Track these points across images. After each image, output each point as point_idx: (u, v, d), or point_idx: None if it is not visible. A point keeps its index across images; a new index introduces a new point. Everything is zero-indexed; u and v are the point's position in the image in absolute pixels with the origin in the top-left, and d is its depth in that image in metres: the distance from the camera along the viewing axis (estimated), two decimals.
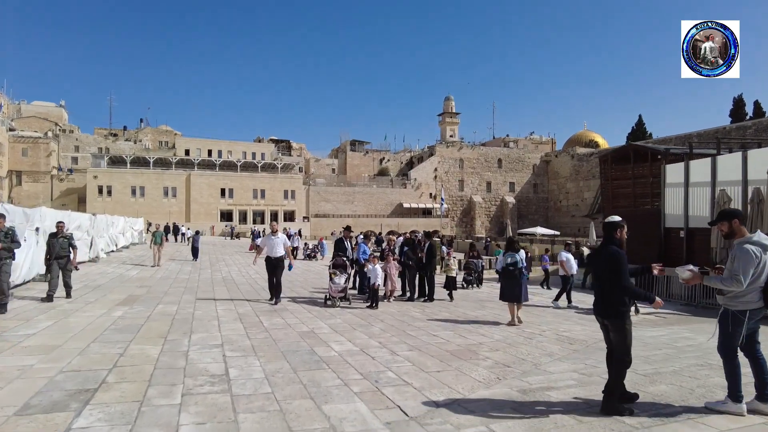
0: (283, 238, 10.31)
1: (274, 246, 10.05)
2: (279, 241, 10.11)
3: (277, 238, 10.12)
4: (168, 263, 19.41)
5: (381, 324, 8.07)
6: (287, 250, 10.26)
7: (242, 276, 16.04)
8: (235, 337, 6.55)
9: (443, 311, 10.00)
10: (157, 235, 17.93)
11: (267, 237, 10.41)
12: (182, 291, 11.54)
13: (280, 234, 10.27)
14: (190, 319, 7.88)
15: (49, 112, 71.62)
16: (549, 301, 12.93)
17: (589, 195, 68.41)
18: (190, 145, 69.80)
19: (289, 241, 10.51)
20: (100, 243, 19.50)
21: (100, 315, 7.85)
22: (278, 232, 10.26)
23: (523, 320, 8.99)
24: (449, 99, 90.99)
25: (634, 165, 19.30)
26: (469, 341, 6.98)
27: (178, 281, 13.63)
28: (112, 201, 54.42)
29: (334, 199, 65.73)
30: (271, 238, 10.16)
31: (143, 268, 16.71)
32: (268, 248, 10.11)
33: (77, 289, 10.93)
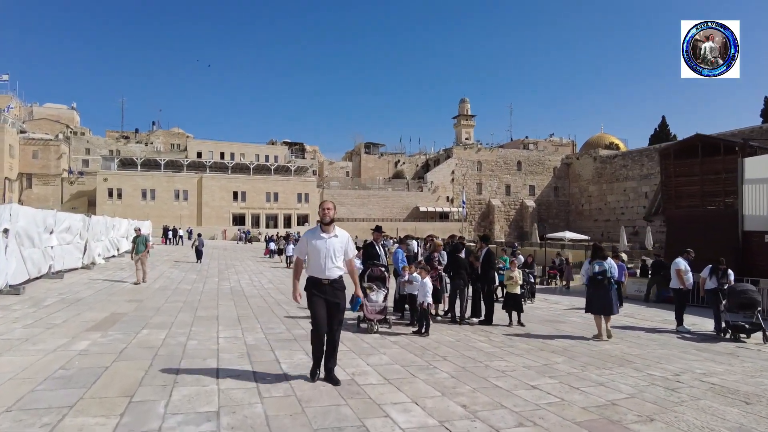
0: (344, 241, 4.85)
1: (327, 255, 4.70)
2: (335, 246, 4.76)
3: (329, 237, 4.76)
4: (170, 270, 17.30)
5: (447, 365, 5.72)
6: (350, 265, 4.97)
7: (253, 286, 13.82)
8: (240, 394, 4.25)
9: (515, 340, 7.62)
10: (139, 241, 13.27)
11: (309, 236, 4.89)
12: (179, 307, 9.32)
13: (337, 231, 4.83)
14: (179, 355, 5.62)
15: (60, 115, 70.78)
16: (629, 318, 10.48)
17: (613, 198, 65.45)
18: (202, 147, 68.29)
19: (354, 248, 5.07)
20: (98, 247, 17.47)
21: (55, 348, 5.62)
22: (333, 224, 4.82)
23: (628, 351, 6.59)
24: (464, 101, 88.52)
25: (703, 159, 16.73)
26: (592, 398, 4.61)
27: (177, 293, 11.44)
28: (122, 204, 52.98)
29: (348, 202, 63.56)
30: (319, 239, 4.75)
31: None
32: (312, 260, 4.78)
33: (49, 305, 8.77)
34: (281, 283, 14.87)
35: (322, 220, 4.80)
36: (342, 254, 4.78)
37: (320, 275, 4.67)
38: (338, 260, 4.73)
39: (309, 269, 4.78)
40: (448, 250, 9.91)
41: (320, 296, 4.66)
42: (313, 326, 4.74)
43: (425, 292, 7.75)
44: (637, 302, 15.09)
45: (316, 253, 4.70)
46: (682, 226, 16.75)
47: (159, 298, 10.37)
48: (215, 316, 8.45)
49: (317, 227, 4.87)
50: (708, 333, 9.26)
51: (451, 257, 9.34)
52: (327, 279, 4.66)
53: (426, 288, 7.79)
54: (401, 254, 9.88)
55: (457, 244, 9.72)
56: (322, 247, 4.68)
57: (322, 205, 4.80)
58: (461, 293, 9.02)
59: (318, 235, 4.75)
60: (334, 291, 4.68)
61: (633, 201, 62.42)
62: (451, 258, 9.35)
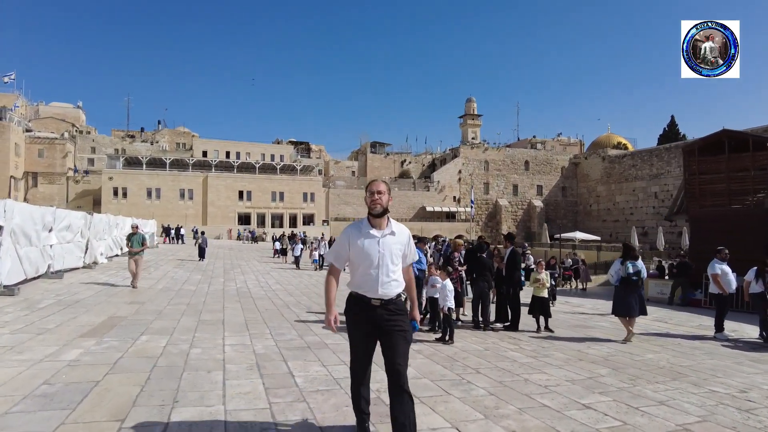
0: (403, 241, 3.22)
1: (382, 262, 3.11)
2: (393, 249, 3.15)
3: (383, 236, 3.14)
4: (175, 270, 16.74)
5: (481, 379, 5.07)
6: (408, 276, 3.35)
7: (260, 287, 13.23)
8: (250, 417, 3.63)
9: (548, 348, 6.95)
10: (135, 240, 11.78)
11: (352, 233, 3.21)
12: (183, 310, 8.72)
13: (394, 226, 3.20)
14: (181, 366, 5.01)
15: (66, 113, 70.65)
16: (660, 322, 9.76)
17: (622, 199, 64.48)
18: (208, 146, 67.91)
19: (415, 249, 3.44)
20: (100, 246, 16.93)
21: (42, 359, 5.03)
22: (387, 217, 3.20)
23: (675, 362, 5.92)
24: (471, 100, 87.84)
25: (729, 156, 15.96)
26: (658, 422, 3.94)
27: (181, 294, 10.85)
28: (128, 203, 52.68)
29: (354, 201, 62.96)
30: (369, 237, 3.14)
31: (145, 275, 14.01)
32: (358, 270, 3.18)
33: (44, 307, 8.20)
34: (289, 284, 14.28)
35: (370, 211, 3.13)
36: (401, 260, 3.19)
37: (370, 293, 3.07)
38: (397, 269, 3.14)
39: (353, 282, 3.20)
40: (466, 250, 9.27)
41: (368, 325, 3.08)
42: (352, 369, 3.26)
43: (446, 295, 7.11)
44: (660, 305, 14.36)
45: (363, 258, 3.09)
46: (707, 226, 15.99)
47: (161, 300, 9.78)
48: (221, 321, 7.84)
49: (363, 221, 3.19)
50: (752, 340, 8.55)
51: (472, 258, 8.68)
52: (380, 299, 3.06)
53: (447, 291, 7.15)
54: (419, 254, 9.24)
55: (480, 244, 9.06)
56: (373, 250, 3.07)
57: (371, 186, 3.16)
58: (485, 297, 8.36)
59: (366, 232, 3.12)
60: (391, 317, 3.04)
61: (642, 201, 61.49)
62: (473, 259, 8.69)
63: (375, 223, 3.17)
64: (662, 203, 58.06)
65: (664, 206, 58.61)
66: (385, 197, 3.13)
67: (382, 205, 3.13)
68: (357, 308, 3.16)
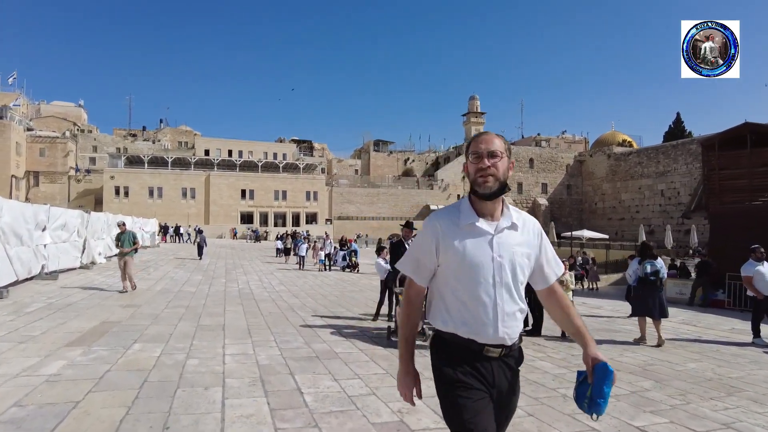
0: (532, 240, 1.86)
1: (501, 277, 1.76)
2: (516, 252, 1.79)
3: (499, 231, 1.78)
4: (175, 270, 16.20)
5: None
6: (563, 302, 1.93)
7: (263, 288, 12.66)
8: None
9: (578, 357, 6.36)
10: (125, 238, 10.51)
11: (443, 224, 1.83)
12: (181, 314, 8.16)
13: (514, 214, 1.84)
14: (175, 381, 4.44)
15: (68, 112, 70.28)
16: (688, 326, 9.13)
17: (627, 197, 63.72)
18: (210, 145, 67.43)
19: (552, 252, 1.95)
20: (98, 246, 16.40)
21: (19, 373, 4.46)
22: (504, 200, 1.85)
23: (722, 373, 5.32)
24: (474, 98, 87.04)
25: (752, 150, 15.29)
26: None
27: (180, 296, 10.29)
28: (129, 202, 52.20)
29: (357, 200, 62.45)
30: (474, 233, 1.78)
31: (144, 276, 13.47)
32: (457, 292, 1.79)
33: (32, 311, 7.65)
34: (293, 285, 13.72)
35: (476, 187, 1.82)
36: (529, 270, 1.87)
37: (480, 334, 1.76)
38: (521, 290, 1.83)
39: (444, 315, 1.84)
40: None
41: (480, 386, 1.75)
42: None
43: None
44: (680, 306, 13.72)
45: (465, 271, 1.78)
46: (728, 222, 15.34)
47: (159, 303, 9.22)
48: (221, 326, 7.27)
49: (462, 204, 1.87)
50: None
51: None
52: (500, 344, 1.78)
53: None
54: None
55: None
56: (483, 255, 1.77)
57: (477, 144, 1.83)
58: None
59: (468, 225, 1.80)
60: (510, 374, 1.83)
61: (648, 199, 60.75)
62: None
63: (483, 209, 1.82)
64: (669, 201, 57.33)
65: (670, 204, 57.90)
66: (503, 164, 1.79)
67: (498, 178, 1.78)
68: (461, 359, 1.78)
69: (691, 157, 54.49)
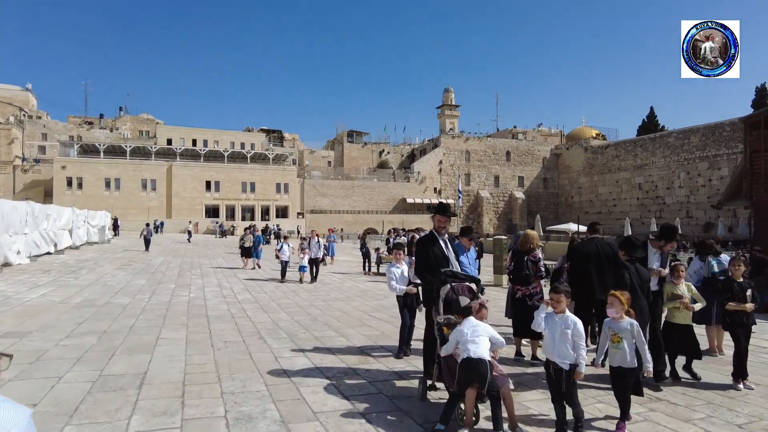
0: None
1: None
2: None
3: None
4: (115, 272, 13.43)
5: None
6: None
7: (222, 297, 10.11)
8: None
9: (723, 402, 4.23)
10: None
11: None
12: (85, 348, 5.62)
13: None
14: None
15: (13, 96, 64.70)
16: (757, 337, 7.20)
17: (605, 190, 63.39)
18: (173, 134, 63.37)
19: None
20: (15, 243, 13.42)
21: None
22: None
23: None
24: (449, 90, 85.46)
25: None
26: None
27: (102, 313, 7.71)
28: (83, 194, 47.98)
29: (331, 193, 59.79)
30: None
31: (70, 281, 10.74)
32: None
33: None
34: (261, 292, 11.21)
35: None
36: None
37: None
38: None
39: None
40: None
41: None
42: None
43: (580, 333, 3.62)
44: None
45: None
46: None
47: (64, 326, 6.65)
48: (139, 377, 4.76)
49: None
50: None
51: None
52: None
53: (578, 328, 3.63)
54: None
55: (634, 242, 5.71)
56: None
57: None
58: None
59: None
60: None
61: (626, 193, 60.50)
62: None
63: None
64: (646, 194, 57.09)
65: (648, 197, 57.70)
66: None
67: None
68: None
69: (669, 150, 54.30)
